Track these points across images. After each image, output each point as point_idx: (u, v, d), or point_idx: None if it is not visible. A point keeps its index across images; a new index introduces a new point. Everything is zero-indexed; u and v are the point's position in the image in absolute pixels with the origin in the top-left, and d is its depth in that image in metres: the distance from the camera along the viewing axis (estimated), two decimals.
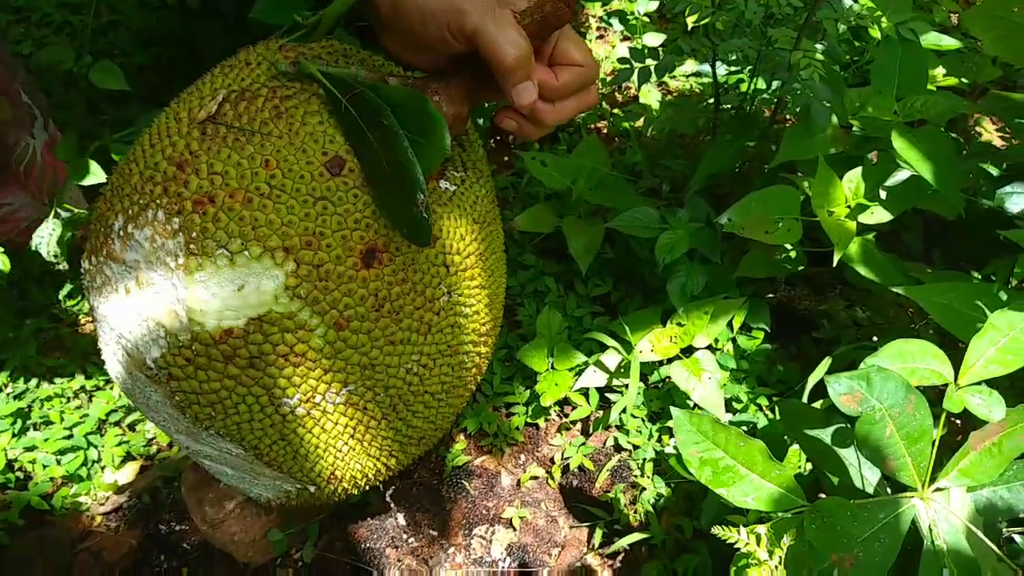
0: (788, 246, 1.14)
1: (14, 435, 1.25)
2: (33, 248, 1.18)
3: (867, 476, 0.91)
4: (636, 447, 1.25)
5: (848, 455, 0.92)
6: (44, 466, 1.22)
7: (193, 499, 1.15)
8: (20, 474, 1.23)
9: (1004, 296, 0.90)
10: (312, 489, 0.90)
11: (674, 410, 0.80)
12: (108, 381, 1.33)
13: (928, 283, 1.00)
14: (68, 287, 1.43)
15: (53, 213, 1.19)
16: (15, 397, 1.30)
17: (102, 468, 1.24)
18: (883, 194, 1.01)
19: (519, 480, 1.25)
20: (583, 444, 1.26)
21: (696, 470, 0.78)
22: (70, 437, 1.25)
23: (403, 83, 0.73)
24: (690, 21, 1.52)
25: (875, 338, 1.26)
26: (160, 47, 1.72)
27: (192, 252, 0.68)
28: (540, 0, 0.65)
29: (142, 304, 0.72)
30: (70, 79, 1.55)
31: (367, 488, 0.96)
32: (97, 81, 1.18)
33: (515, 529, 1.20)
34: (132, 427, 1.29)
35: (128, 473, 1.24)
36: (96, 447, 1.25)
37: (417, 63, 0.75)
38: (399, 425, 0.86)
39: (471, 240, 0.82)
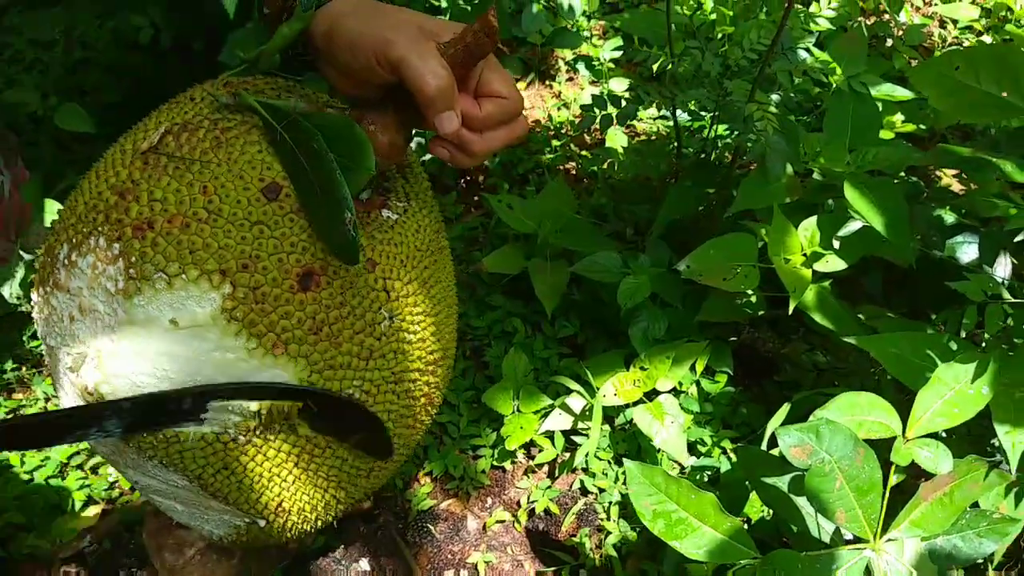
0: (748, 291, 1.16)
1: None
2: None
3: (823, 524, 0.92)
4: (602, 490, 1.25)
5: (805, 503, 0.93)
6: (3, 511, 1.21)
7: (154, 545, 1.14)
8: None
9: (954, 346, 0.91)
10: (262, 524, 0.89)
11: (627, 462, 0.81)
12: None
13: (883, 331, 1.01)
14: (31, 328, 1.42)
15: (16, 255, 1.19)
16: None
17: (63, 513, 1.23)
18: (836, 243, 1.04)
19: (485, 524, 1.25)
20: (549, 487, 1.26)
21: (649, 523, 0.79)
22: (31, 481, 1.23)
23: (339, 113, 0.75)
24: (654, 68, 1.55)
25: (836, 383, 1.28)
26: (130, 86, 1.72)
27: (131, 276, 0.70)
28: (463, 32, 0.68)
29: (83, 331, 0.74)
30: (38, 118, 1.56)
31: (319, 524, 0.95)
32: (62, 123, 1.19)
33: (480, 574, 1.19)
34: (94, 470, 1.28)
35: (89, 517, 1.22)
36: (57, 491, 1.24)
37: (354, 94, 0.77)
38: (344, 454, 0.85)
39: (412, 267, 0.83)
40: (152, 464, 0.79)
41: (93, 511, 1.23)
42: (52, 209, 1.18)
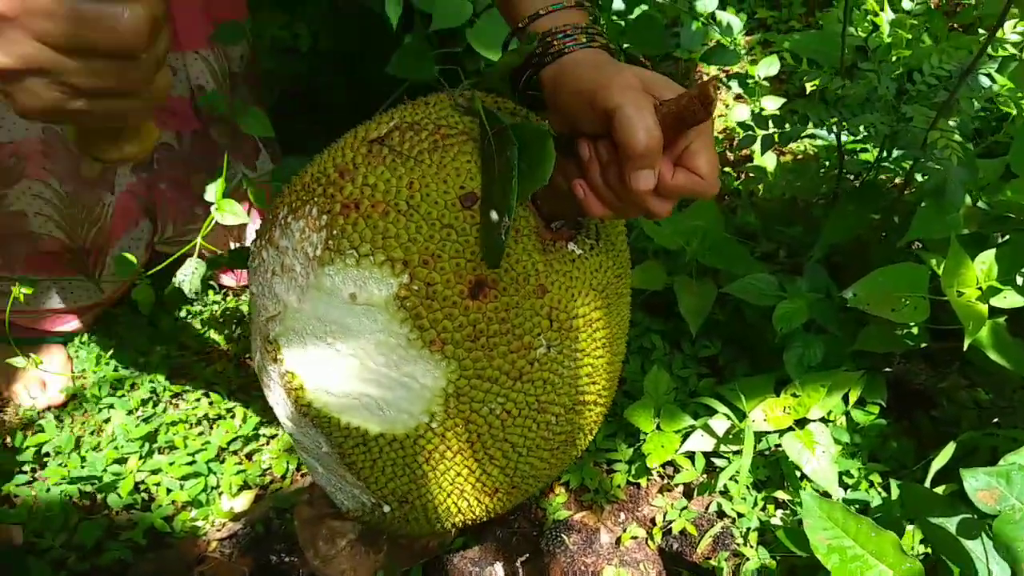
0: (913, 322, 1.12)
1: (141, 457, 1.33)
2: (176, 285, 1.25)
3: (995, 571, 0.88)
4: (740, 515, 1.23)
5: (974, 546, 0.90)
6: (168, 490, 1.29)
7: (307, 533, 1.19)
8: (145, 495, 1.29)
9: None
10: (386, 509, 0.93)
11: (803, 495, 0.80)
12: (230, 410, 1.40)
13: None
14: (199, 319, 1.51)
15: (197, 251, 1.26)
16: (144, 420, 1.37)
17: (220, 495, 1.30)
18: (1020, 280, 0.99)
19: (619, 538, 1.25)
20: (685, 508, 1.26)
21: (823, 556, 0.78)
22: (193, 463, 1.31)
23: (541, 124, 0.77)
24: (808, 86, 1.52)
25: (996, 420, 1.22)
26: (285, 91, 1.81)
27: (328, 247, 0.76)
28: (680, 95, 0.66)
29: (279, 286, 0.82)
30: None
31: (438, 527, 0.96)
32: (246, 128, 1.25)
33: None
34: (250, 456, 1.35)
35: (244, 501, 1.29)
36: (216, 474, 1.31)
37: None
38: (473, 466, 0.87)
39: (583, 303, 0.84)
40: (306, 420, 0.85)
41: (247, 495, 1.30)
42: (233, 208, 1.23)
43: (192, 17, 1.24)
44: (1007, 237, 1.10)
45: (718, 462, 1.27)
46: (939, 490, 1.03)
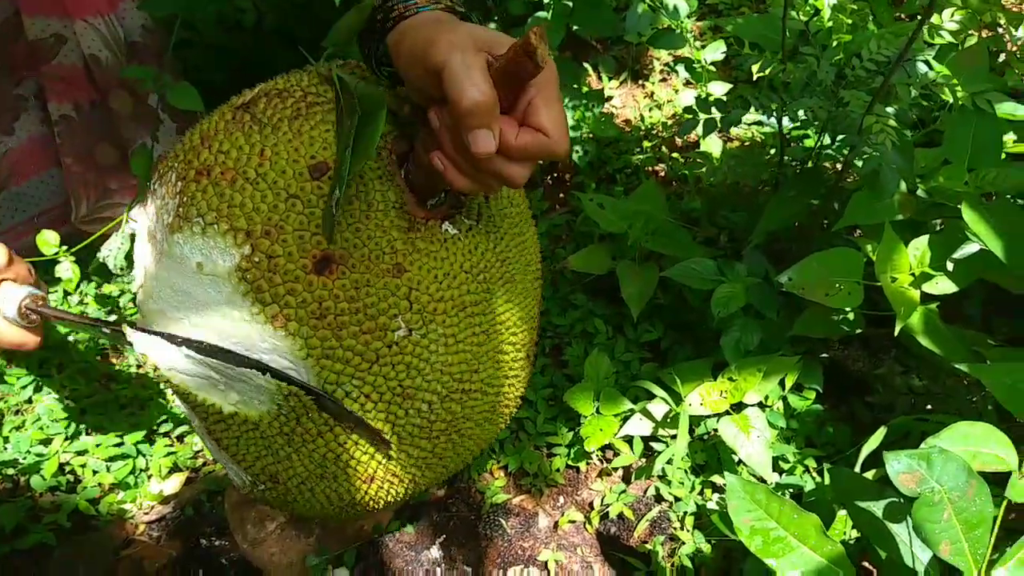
0: (848, 308, 1.13)
1: (67, 439, 1.28)
2: (100, 260, 1.21)
3: (918, 554, 0.89)
4: (677, 499, 1.24)
5: (899, 530, 0.90)
6: (94, 472, 1.25)
7: (236, 517, 1.16)
8: (71, 477, 1.26)
9: None
10: (261, 488, 0.90)
11: (728, 476, 0.80)
12: (160, 391, 1.36)
13: (992, 359, 0.98)
14: (128, 295, 1.47)
15: (123, 228, 1.22)
16: (71, 400, 1.33)
17: (148, 477, 1.26)
18: (951, 266, 1.00)
19: (556, 522, 1.24)
20: (623, 492, 1.25)
21: (746, 538, 0.78)
22: (120, 444, 1.28)
23: (381, 93, 0.74)
24: (755, 70, 1.51)
25: (929, 406, 1.24)
26: (233, 67, 1.76)
27: (179, 215, 0.75)
28: (509, 48, 0.61)
29: (145, 252, 0.81)
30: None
31: (320, 511, 0.92)
32: (175, 102, 1.21)
33: (549, 572, 1.19)
34: (180, 438, 1.32)
35: (173, 484, 1.26)
36: (144, 456, 1.28)
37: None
38: (338, 449, 0.83)
39: (450, 286, 0.80)
40: (179, 398, 0.84)
41: (177, 478, 1.27)
42: None
43: None
44: (942, 224, 1.11)
45: (656, 446, 1.27)
46: (869, 475, 1.04)
